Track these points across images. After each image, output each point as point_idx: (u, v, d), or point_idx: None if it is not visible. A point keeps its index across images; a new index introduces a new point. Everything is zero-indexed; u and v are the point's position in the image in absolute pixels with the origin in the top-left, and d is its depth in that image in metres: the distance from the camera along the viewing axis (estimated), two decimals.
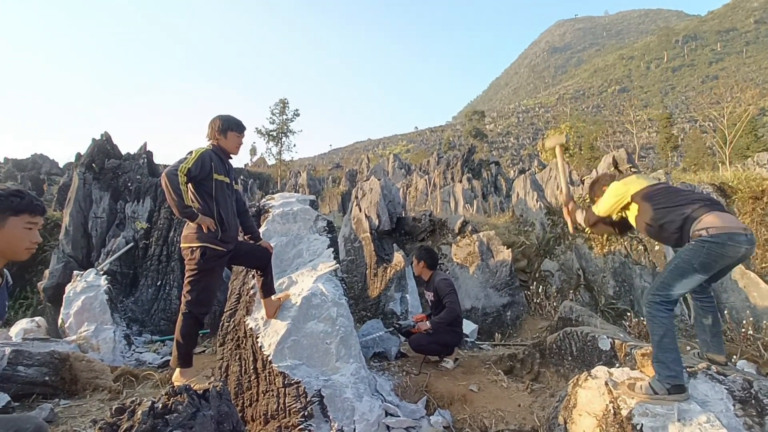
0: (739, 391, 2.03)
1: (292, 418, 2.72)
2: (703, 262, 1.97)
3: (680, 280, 2.02)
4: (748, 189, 5.34)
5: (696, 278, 2.01)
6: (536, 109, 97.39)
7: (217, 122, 2.55)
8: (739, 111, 24.10)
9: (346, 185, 20.29)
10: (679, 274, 2.03)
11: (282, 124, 23.24)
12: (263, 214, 3.70)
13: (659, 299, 2.06)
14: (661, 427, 1.92)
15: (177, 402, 2.08)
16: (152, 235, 6.26)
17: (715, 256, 1.95)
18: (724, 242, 1.93)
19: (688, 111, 69.01)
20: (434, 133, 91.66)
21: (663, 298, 2.06)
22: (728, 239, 1.93)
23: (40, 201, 1.53)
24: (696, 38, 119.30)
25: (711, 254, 1.95)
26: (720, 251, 1.94)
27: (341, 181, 21.88)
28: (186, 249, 2.35)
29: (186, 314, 2.32)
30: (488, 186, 16.09)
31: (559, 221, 6.00)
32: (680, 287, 2.03)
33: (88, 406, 3.37)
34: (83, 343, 4.39)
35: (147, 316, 5.80)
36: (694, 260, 1.98)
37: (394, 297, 5.19)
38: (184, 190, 2.22)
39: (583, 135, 31.74)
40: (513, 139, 74.53)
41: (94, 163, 7.13)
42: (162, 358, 4.69)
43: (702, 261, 1.97)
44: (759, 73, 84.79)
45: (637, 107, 47.26)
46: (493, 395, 2.96)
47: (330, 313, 2.97)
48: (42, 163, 21.58)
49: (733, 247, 1.93)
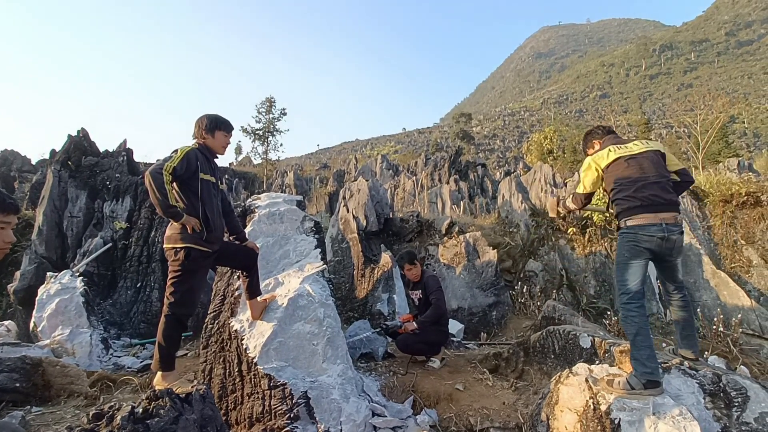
0: (709, 385, 2.12)
1: (278, 421, 2.69)
2: (629, 249, 2.24)
3: (625, 272, 2.25)
4: (718, 193, 5.58)
5: (635, 266, 2.23)
6: (521, 112, 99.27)
7: (204, 121, 2.50)
8: (711, 118, 25.15)
9: (333, 186, 20.18)
10: (621, 268, 2.27)
11: (268, 123, 22.94)
12: (249, 214, 3.65)
13: (624, 298, 2.24)
14: (637, 421, 1.99)
15: (158, 406, 2.02)
16: (132, 235, 6.08)
17: (634, 243, 2.22)
18: (635, 232, 2.22)
19: (664, 117, 71.60)
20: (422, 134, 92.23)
21: (625, 295, 2.23)
22: (639, 230, 2.21)
23: (13, 199, 1.48)
24: (672, 48, 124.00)
25: (629, 242, 2.24)
26: (634, 239, 2.22)
27: (329, 182, 21.75)
28: (170, 250, 2.30)
29: (168, 316, 2.27)
30: (474, 187, 16.30)
31: (543, 222, 6.14)
32: (630, 278, 2.23)
33: (62, 413, 3.24)
34: (57, 348, 4.23)
35: (126, 319, 5.62)
36: (623, 251, 2.27)
37: (382, 298, 5.20)
38: (168, 189, 2.16)
39: (566, 138, 32.47)
40: (499, 142, 75.73)
41: (70, 160, 6.88)
42: (142, 362, 4.55)
43: (627, 249, 2.24)
44: (729, 83, 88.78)
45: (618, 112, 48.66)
46: (479, 393, 3.00)
47: (317, 314, 2.95)
48: (12, 160, 20.64)
49: (645, 235, 2.19)
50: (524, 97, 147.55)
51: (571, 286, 5.31)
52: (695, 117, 25.93)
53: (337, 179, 21.77)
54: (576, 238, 5.72)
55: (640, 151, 2.41)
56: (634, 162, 2.39)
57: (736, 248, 4.92)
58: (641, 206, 2.25)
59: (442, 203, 12.24)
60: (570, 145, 31.60)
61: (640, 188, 2.28)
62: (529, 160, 29.99)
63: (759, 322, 4.09)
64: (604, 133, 2.74)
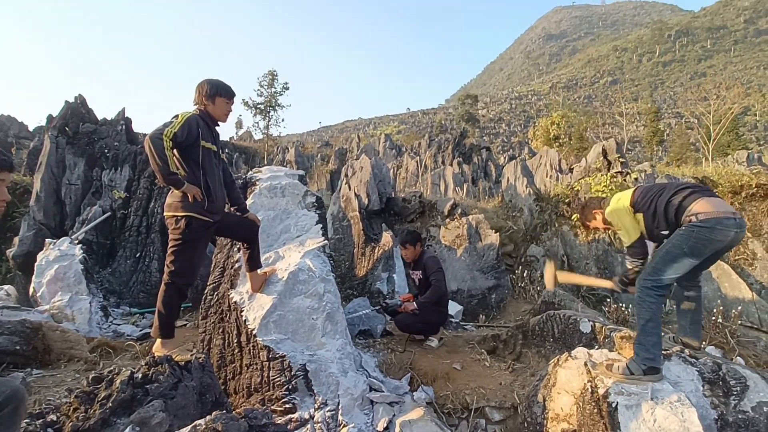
0: (709, 373, 2.12)
1: (276, 392, 2.72)
2: (693, 246, 2.00)
3: (671, 265, 2.06)
4: (728, 183, 5.50)
5: (686, 263, 2.04)
6: (529, 96, 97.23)
7: (204, 86, 2.39)
8: (723, 109, 24.63)
9: (335, 163, 19.97)
10: (670, 260, 2.06)
11: (270, 97, 22.43)
12: (250, 186, 3.58)
13: (650, 284, 2.11)
14: (635, 405, 2.00)
15: (158, 372, 2.02)
16: (131, 205, 6.03)
17: (705, 241, 1.99)
18: (712, 227, 1.97)
19: (675, 106, 70.20)
20: (426, 115, 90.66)
21: (654, 283, 2.10)
22: (717, 223, 1.97)
23: (7, 155, 1.42)
24: (688, 34, 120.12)
25: (700, 239, 1.99)
26: (708, 235, 1.97)
27: (330, 159, 21.52)
28: (170, 218, 2.24)
29: (168, 284, 2.24)
30: (478, 171, 16.13)
31: (547, 208, 6.08)
32: (671, 272, 2.07)
33: (62, 376, 3.28)
34: (57, 313, 4.26)
35: (125, 288, 5.65)
36: (684, 245, 2.02)
37: (381, 277, 5.20)
38: (169, 155, 2.08)
39: (574, 125, 31.95)
40: (504, 126, 74.53)
41: (68, 126, 6.73)
42: (141, 330, 4.59)
43: (692, 245, 2.00)
44: (744, 73, 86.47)
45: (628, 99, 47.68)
46: (476, 373, 3.03)
47: (317, 288, 2.93)
48: (9, 126, 20.31)
49: (722, 231, 1.97)
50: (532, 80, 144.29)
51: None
52: (708, 107, 25.40)
53: (339, 157, 21.52)
54: (579, 224, 5.68)
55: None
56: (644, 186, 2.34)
57: (742, 240, 4.89)
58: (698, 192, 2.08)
59: (445, 185, 12.13)
60: (577, 131, 31.13)
61: (678, 183, 2.20)
62: (534, 146, 29.58)
63: (759, 314, 4.11)
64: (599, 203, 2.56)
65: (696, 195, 2.08)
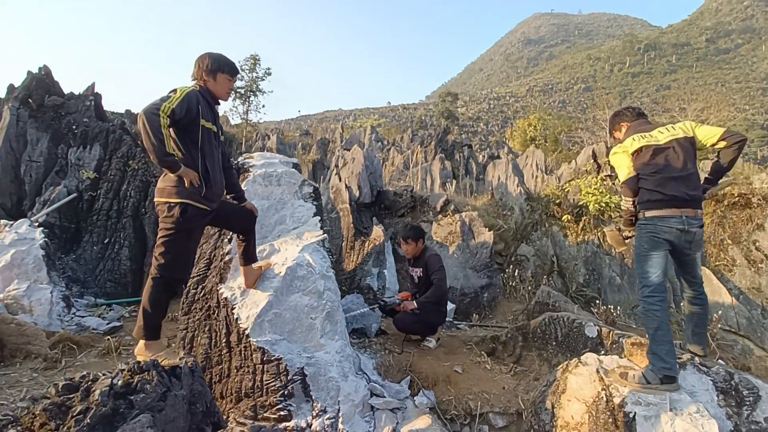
0: (722, 382, 2.12)
1: (270, 397, 2.51)
2: (648, 240, 2.22)
3: (645, 264, 2.23)
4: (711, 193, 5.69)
5: (656, 257, 2.21)
6: (507, 97, 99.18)
7: (206, 60, 2.12)
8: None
9: (317, 153, 19.45)
10: (642, 260, 2.25)
11: (251, 81, 21.46)
12: (242, 173, 3.30)
13: (646, 291, 2.21)
14: (654, 416, 1.96)
15: (144, 380, 1.77)
16: (101, 186, 5.50)
17: (653, 234, 2.21)
18: (654, 223, 2.21)
19: None
20: (407, 110, 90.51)
21: (647, 288, 2.20)
22: (658, 221, 2.19)
23: None
24: (655, 48, 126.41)
25: (648, 233, 2.22)
26: (653, 230, 2.20)
27: (312, 149, 20.93)
28: (162, 204, 1.96)
29: (157, 279, 1.97)
30: (459, 168, 16.21)
31: (537, 207, 6.12)
32: (651, 270, 2.21)
33: (18, 376, 2.95)
34: (12, 303, 3.82)
35: (90, 277, 5.17)
36: (642, 242, 2.25)
37: (372, 272, 5.04)
38: (165, 134, 1.81)
39: (549, 128, 32.84)
40: (483, 125, 75.64)
41: (31, 98, 6.05)
42: (108, 324, 4.21)
43: (647, 240, 2.23)
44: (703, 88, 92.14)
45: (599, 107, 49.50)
46: (477, 377, 2.95)
47: (317, 285, 2.74)
48: None
49: (664, 226, 2.18)
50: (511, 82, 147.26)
51: (561, 273, 5.39)
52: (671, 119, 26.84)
53: (321, 147, 20.97)
54: (570, 225, 5.76)
55: (667, 141, 2.28)
56: (661, 154, 2.28)
57: (722, 247, 5.12)
58: (662, 201, 2.20)
59: (432, 180, 12.08)
60: (552, 134, 32.03)
61: (663, 182, 2.20)
62: (512, 146, 30.20)
63: (737, 319, 4.31)
64: (633, 116, 2.58)
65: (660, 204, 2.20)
